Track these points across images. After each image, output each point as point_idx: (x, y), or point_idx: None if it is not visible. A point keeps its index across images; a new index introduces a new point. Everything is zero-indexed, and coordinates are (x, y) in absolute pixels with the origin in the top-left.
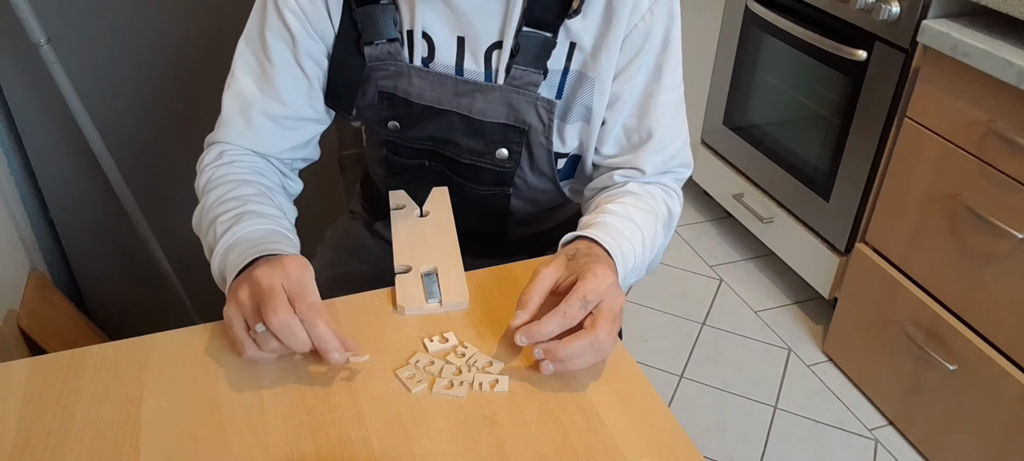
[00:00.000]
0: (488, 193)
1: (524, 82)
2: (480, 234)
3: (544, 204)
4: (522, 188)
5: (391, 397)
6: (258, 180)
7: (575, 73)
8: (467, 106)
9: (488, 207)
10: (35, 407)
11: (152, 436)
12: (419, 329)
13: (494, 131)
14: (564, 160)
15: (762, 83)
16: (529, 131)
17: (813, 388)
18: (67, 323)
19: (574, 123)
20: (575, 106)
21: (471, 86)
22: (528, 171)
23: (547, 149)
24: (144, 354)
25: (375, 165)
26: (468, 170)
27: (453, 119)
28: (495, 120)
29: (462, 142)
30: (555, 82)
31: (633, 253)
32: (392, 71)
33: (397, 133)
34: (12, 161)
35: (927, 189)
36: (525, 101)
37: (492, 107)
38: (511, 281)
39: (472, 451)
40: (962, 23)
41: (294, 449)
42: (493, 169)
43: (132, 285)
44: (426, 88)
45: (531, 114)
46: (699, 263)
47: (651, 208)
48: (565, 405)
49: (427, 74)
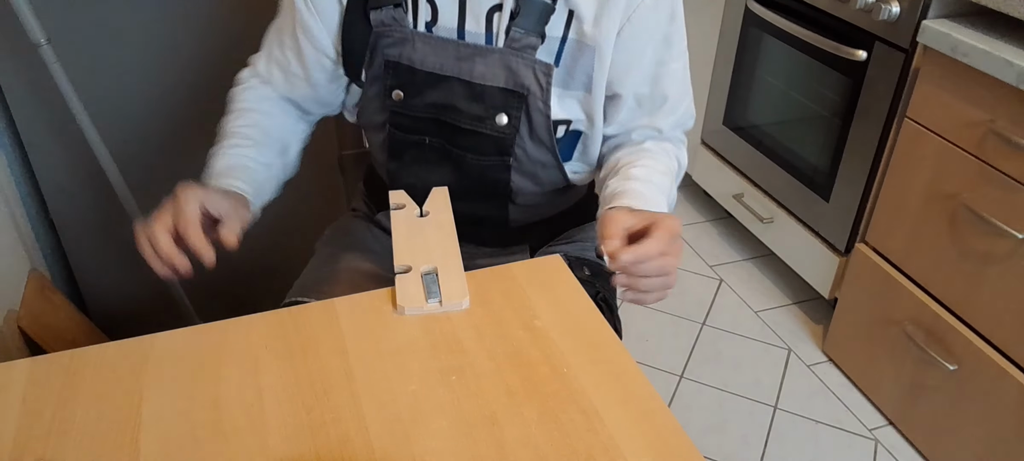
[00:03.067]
0: (489, 164)
1: (522, 44)
2: (481, 219)
3: (545, 182)
4: (523, 159)
5: (391, 397)
6: (254, 112)
7: (574, 41)
8: (468, 71)
9: (489, 183)
10: (35, 407)
11: (152, 436)
12: (419, 329)
13: (494, 95)
14: (563, 129)
15: (762, 83)
16: (528, 96)
17: (813, 388)
18: (67, 323)
19: (574, 92)
20: (576, 75)
21: (471, 50)
22: (528, 139)
23: (545, 115)
24: (144, 354)
25: (378, 151)
26: (469, 138)
27: (454, 85)
28: (495, 84)
29: (463, 107)
30: (554, 49)
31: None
32: (397, 38)
33: (401, 102)
34: (12, 161)
35: (927, 189)
36: (523, 64)
37: (492, 71)
38: (511, 281)
39: (472, 451)
40: (962, 23)
41: (294, 449)
42: (493, 136)
43: (132, 285)
44: (429, 54)
45: (529, 77)
46: (699, 263)
47: (667, 168)
48: (565, 405)
49: (430, 39)
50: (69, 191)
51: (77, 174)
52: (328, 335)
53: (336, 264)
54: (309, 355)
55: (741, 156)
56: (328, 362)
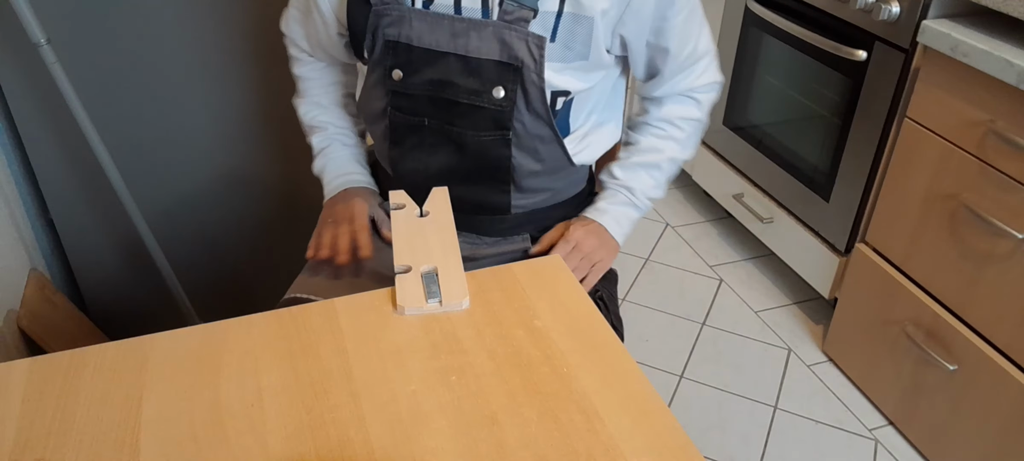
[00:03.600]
0: (489, 139)
1: (515, 17)
2: (484, 206)
3: (545, 158)
4: (522, 134)
5: (391, 397)
6: (323, 108)
7: (569, 15)
8: (463, 46)
9: (491, 161)
10: (35, 407)
11: (152, 436)
12: (419, 329)
13: (489, 69)
14: (562, 101)
15: (762, 83)
16: (522, 68)
17: (813, 388)
18: (67, 323)
19: (573, 63)
20: (573, 46)
21: (466, 24)
22: (525, 112)
23: (540, 87)
24: (144, 354)
25: (380, 141)
26: (467, 114)
27: (450, 61)
28: (490, 58)
29: (460, 83)
30: (549, 24)
31: (630, 218)
32: (395, 17)
33: (401, 82)
34: (12, 161)
35: (927, 189)
36: (517, 37)
37: (486, 45)
38: (511, 281)
39: (472, 451)
40: (962, 23)
41: (294, 449)
42: (491, 110)
43: (132, 285)
44: (425, 31)
45: (522, 50)
46: (699, 263)
47: (658, 147)
48: (565, 405)
49: (426, 16)
50: (69, 191)
51: (77, 174)
52: (328, 335)
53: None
54: (309, 355)
55: (741, 156)
56: (328, 362)
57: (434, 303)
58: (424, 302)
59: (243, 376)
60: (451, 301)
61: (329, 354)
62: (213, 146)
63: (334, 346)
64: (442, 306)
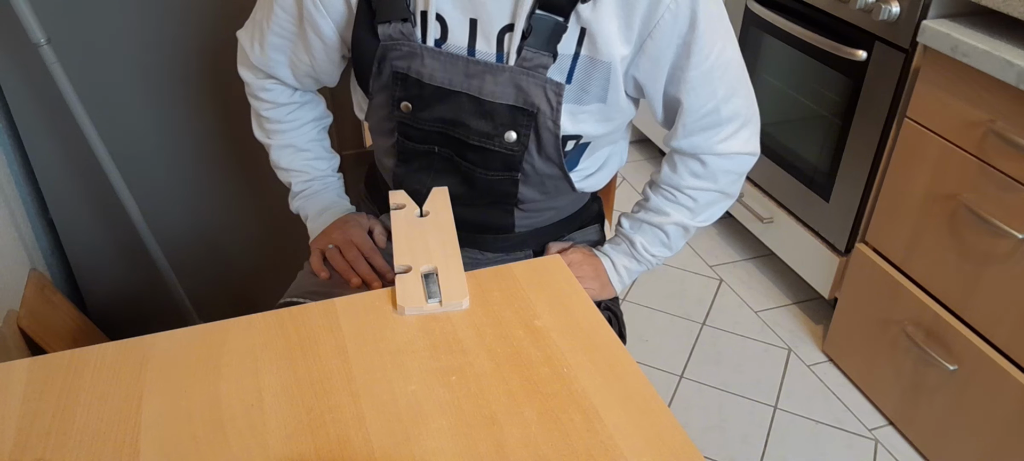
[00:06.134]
0: (497, 178)
1: (534, 64)
2: (487, 226)
3: (552, 191)
4: (530, 173)
5: (391, 397)
6: (295, 147)
7: (586, 58)
8: (477, 88)
9: (497, 194)
10: (35, 407)
11: (152, 436)
12: (419, 329)
13: (503, 113)
14: (572, 144)
15: (762, 83)
16: (537, 114)
17: (813, 388)
18: (67, 323)
19: (588, 106)
20: (590, 89)
21: (482, 67)
22: (536, 155)
23: (554, 133)
24: (144, 354)
25: (384, 156)
26: (477, 154)
27: (463, 101)
28: (504, 102)
29: (472, 124)
30: (566, 66)
31: (629, 269)
32: (405, 52)
33: (409, 115)
34: (12, 161)
35: (927, 189)
36: (534, 83)
37: (502, 89)
38: (511, 281)
39: (472, 451)
40: (962, 23)
41: (294, 449)
42: (502, 153)
43: (132, 285)
44: (438, 69)
45: (540, 96)
46: (699, 263)
47: (664, 211)
48: (565, 405)
49: (439, 54)
50: (69, 191)
51: (77, 174)
52: (328, 335)
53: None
54: (309, 355)
55: None
56: (328, 362)
57: (434, 303)
58: (424, 302)
59: (243, 376)
60: (451, 301)
61: (329, 354)
62: (213, 146)
63: (334, 346)
64: (442, 306)
